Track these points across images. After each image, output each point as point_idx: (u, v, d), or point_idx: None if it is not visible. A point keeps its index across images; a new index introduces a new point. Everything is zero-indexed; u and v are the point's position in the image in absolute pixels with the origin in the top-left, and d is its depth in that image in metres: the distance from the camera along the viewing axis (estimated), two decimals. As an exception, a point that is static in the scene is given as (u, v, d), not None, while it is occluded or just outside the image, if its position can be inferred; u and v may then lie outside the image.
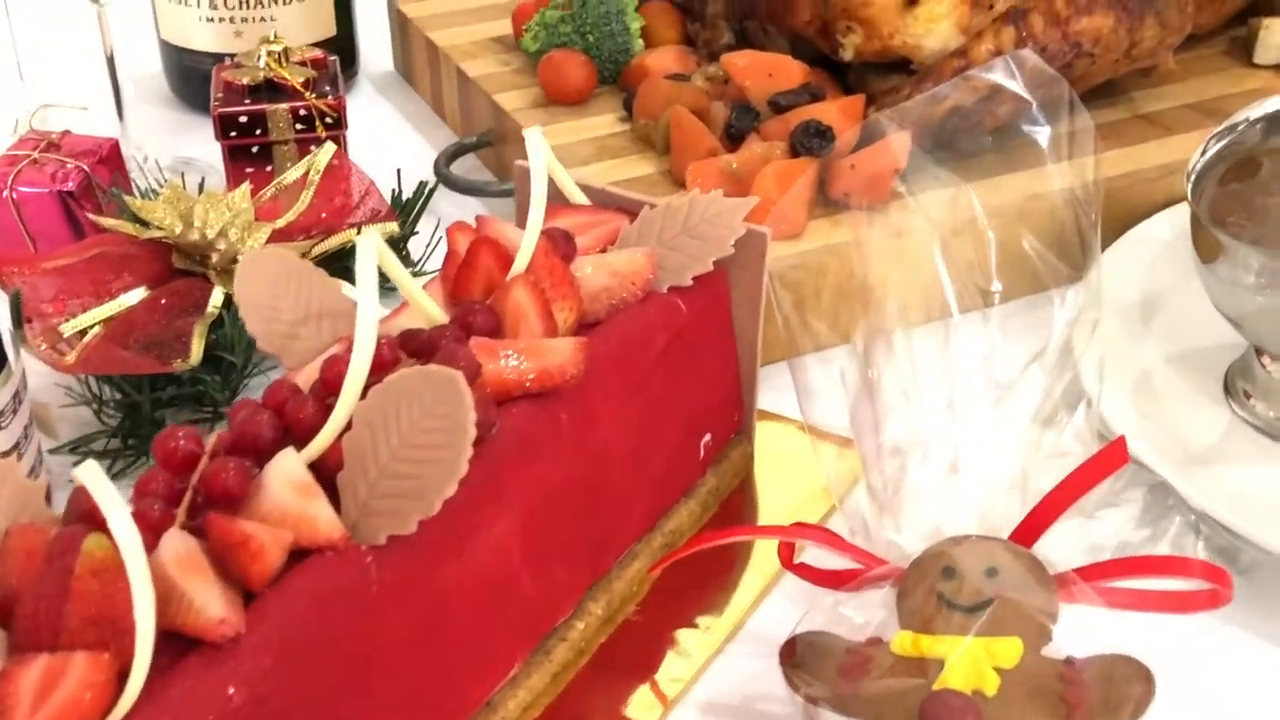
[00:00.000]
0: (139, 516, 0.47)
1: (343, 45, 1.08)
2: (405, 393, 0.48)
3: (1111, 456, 0.53)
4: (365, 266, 0.50)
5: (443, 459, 0.47)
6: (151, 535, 0.47)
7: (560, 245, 0.61)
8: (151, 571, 0.45)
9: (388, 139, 1.05)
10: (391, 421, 0.48)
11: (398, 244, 0.82)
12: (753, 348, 0.69)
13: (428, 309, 0.57)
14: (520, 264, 0.59)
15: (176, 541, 0.46)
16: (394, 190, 0.86)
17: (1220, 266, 0.64)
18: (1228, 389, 0.71)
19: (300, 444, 0.50)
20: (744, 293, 0.67)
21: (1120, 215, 0.82)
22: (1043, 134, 0.74)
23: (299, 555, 0.48)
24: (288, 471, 0.48)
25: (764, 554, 0.65)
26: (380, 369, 0.51)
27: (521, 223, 0.61)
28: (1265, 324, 0.65)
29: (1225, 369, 0.71)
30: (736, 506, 0.69)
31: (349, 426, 0.49)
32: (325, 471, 0.49)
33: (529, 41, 0.97)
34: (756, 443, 0.72)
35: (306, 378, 0.54)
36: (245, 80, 0.89)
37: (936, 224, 0.73)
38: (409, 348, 0.55)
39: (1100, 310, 0.71)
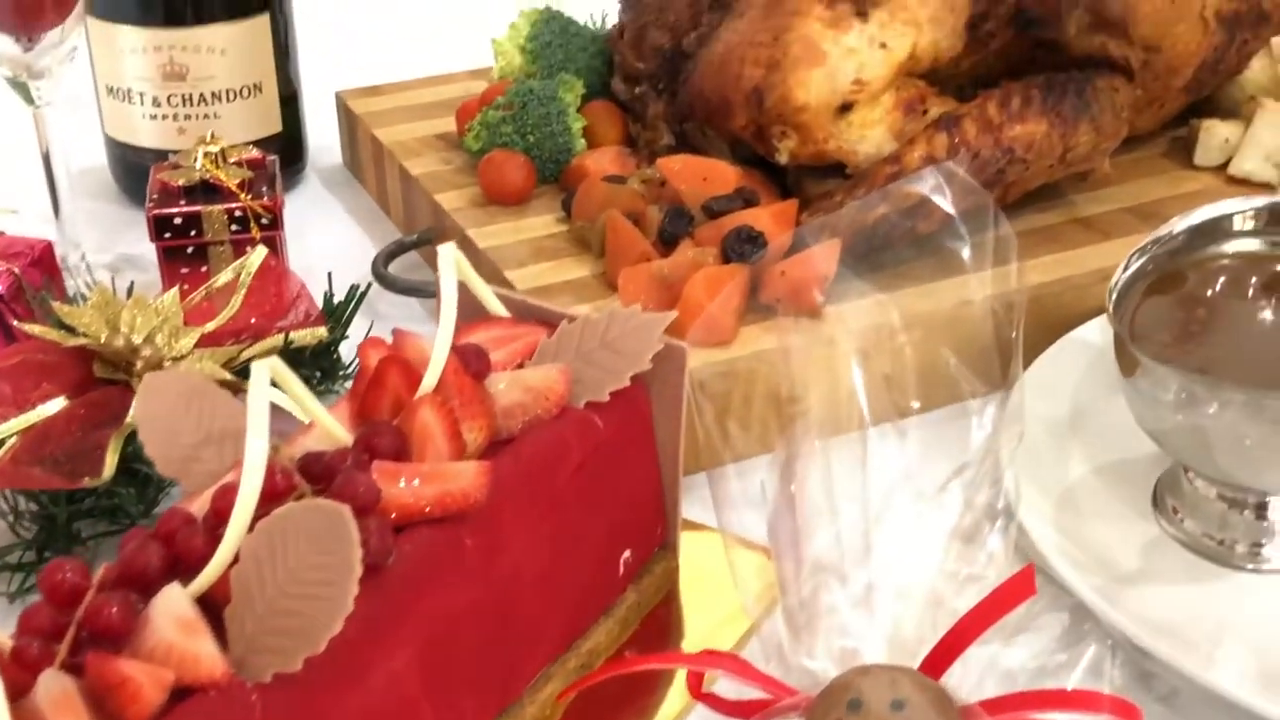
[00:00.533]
0: (17, 654, 0.47)
1: (289, 141, 1.08)
2: (292, 528, 0.47)
3: (1018, 587, 0.52)
4: (256, 397, 0.49)
5: (329, 596, 0.46)
6: (29, 674, 0.46)
7: (472, 362, 0.60)
8: (24, 714, 0.44)
9: (333, 235, 1.05)
10: (278, 557, 0.47)
11: (328, 349, 0.82)
12: (675, 461, 0.68)
13: (332, 430, 0.56)
14: (429, 382, 0.58)
15: (53, 682, 0.45)
16: (326, 293, 0.85)
17: (1140, 382, 0.64)
18: (1156, 504, 0.70)
19: (190, 575, 0.49)
20: (665, 406, 0.66)
21: (1054, 321, 0.81)
22: (966, 246, 0.74)
23: (185, 693, 0.47)
24: (172, 607, 0.47)
25: (684, 673, 0.64)
26: (273, 498, 0.50)
27: (440, 335, 0.60)
28: (1183, 442, 0.64)
29: (1154, 482, 0.71)
30: (659, 623, 0.68)
31: (238, 559, 0.48)
32: (215, 605, 0.49)
33: (471, 141, 0.97)
34: (683, 555, 0.71)
35: (203, 504, 0.53)
36: (181, 181, 0.89)
37: (858, 334, 0.73)
38: (309, 472, 0.54)
39: (1024, 423, 0.71)
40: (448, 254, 0.61)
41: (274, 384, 0.52)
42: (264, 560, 0.47)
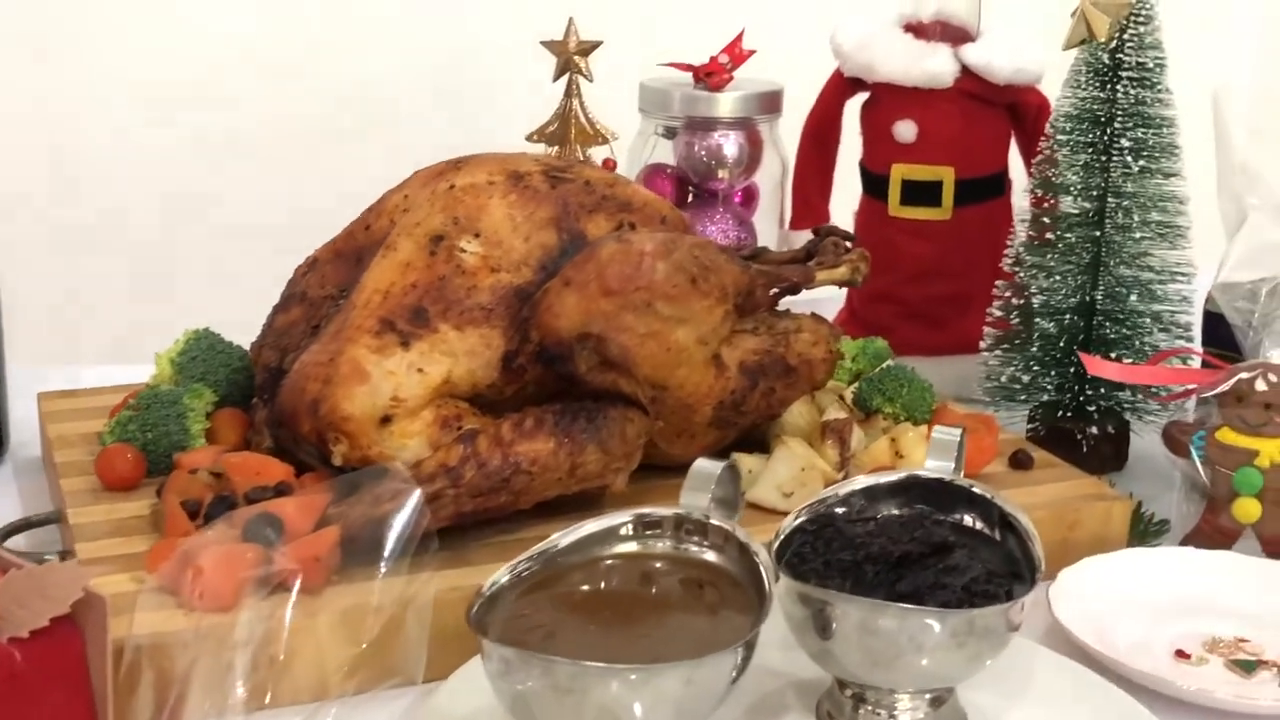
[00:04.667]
0: None
1: (-18, 432, 1.22)
2: None
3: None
4: None
5: None
6: None
7: (-102, 596, 0.72)
8: None
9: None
10: None
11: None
12: (104, 703, 0.78)
13: None
14: None
15: None
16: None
17: (486, 664, 0.75)
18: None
19: None
20: (96, 653, 0.78)
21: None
22: (400, 553, 0.88)
23: None
24: None
25: None
26: None
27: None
28: (520, 710, 0.75)
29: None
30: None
31: None
32: None
33: (106, 436, 1.11)
34: (132, 792, 0.80)
35: None
36: None
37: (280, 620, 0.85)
38: None
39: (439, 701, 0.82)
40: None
41: None
42: None
